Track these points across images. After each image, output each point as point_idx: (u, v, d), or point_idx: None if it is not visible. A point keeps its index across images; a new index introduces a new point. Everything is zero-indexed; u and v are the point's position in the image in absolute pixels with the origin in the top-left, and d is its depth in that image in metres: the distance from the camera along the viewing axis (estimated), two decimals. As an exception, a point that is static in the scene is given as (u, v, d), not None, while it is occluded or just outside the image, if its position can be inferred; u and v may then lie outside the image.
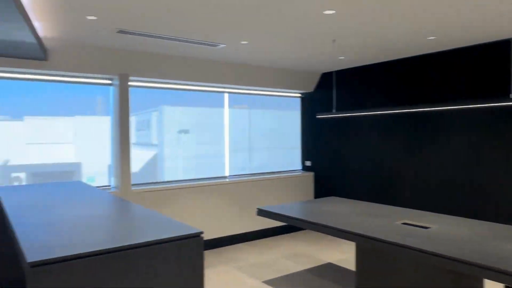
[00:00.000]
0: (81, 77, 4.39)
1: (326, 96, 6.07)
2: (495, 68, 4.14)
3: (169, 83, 5.02)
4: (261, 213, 3.73)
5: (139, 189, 4.69)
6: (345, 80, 5.76)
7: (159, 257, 1.58)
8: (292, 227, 6.03)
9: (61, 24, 3.35)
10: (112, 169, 4.69)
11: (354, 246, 5.30)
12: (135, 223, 1.90)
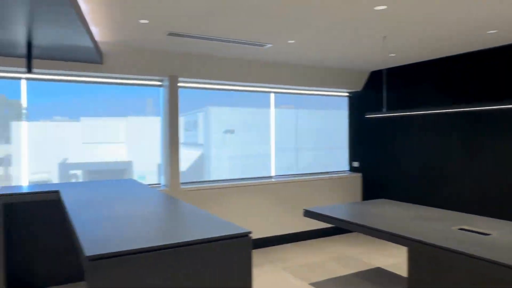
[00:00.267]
0: (134, 79, 4.57)
1: (375, 95, 5.88)
2: None
3: (216, 83, 5.09)
4: (308, 214, 3.67)
5: (187, 188, 4.79)
6: (396, 78, 5.55)
7: (208, 255, 1.59)
8: (339, 229, 5.90)
9: (115, 28, 3.50)
10: (161, 168, 4.83)
11: (403, 250, 5.09)
12: (186, 221, 1.93)
